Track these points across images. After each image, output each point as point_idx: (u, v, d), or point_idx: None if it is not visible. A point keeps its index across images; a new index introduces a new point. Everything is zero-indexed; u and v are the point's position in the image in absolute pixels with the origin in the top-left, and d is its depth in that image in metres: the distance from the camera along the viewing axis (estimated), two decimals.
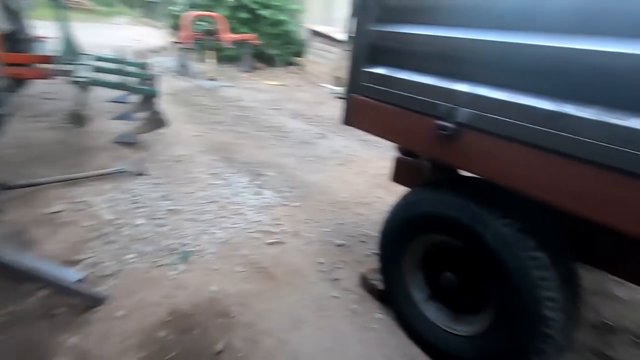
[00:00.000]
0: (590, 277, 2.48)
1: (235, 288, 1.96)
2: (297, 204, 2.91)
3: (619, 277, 1.47)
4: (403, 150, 2.10)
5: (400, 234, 1.75)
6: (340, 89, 7.12)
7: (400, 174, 2.11)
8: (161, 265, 2.05)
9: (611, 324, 2.10)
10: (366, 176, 3.59)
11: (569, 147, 1.08)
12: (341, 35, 6.91)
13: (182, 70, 7.16)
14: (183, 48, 7.29)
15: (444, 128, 1.37)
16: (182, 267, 2.05)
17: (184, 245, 2.23)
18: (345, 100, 1.84)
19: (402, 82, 1.54)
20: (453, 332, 1.60)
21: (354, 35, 1.71)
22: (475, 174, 1.38)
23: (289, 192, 3.08)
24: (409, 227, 1.70)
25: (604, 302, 2.28)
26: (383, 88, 1.62)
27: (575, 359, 1.80)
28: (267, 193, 3.01)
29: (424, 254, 1.75)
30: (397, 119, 1.58)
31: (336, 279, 2.13)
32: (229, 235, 2.39)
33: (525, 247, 1.28)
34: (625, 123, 0.97)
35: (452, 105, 1.36)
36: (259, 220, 2.61)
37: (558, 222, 1.35)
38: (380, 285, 1.97)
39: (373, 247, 2.44)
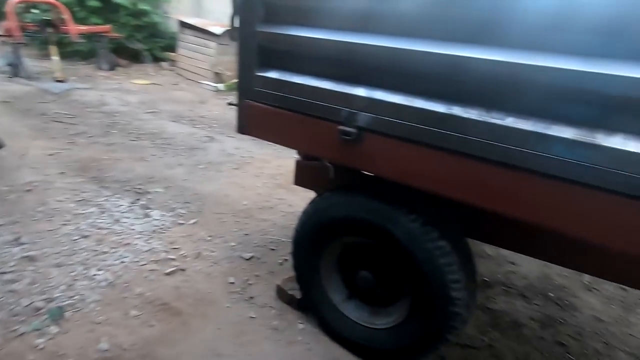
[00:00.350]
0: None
1: (132, 338, 1.65)
2: (194, 220, 2.63)
3: (501, 247, 1.73)
4: (304, 154, 2.07)
5: (313, 241, 1.71)
6: (221, 86, 6.73)
7: (302, 178, 2.07)
8: (23, 333, 1.59)
9: (487, 279, 2.50)
10: (265, 178, 3.48)
11: (458, 144, 1.18)
12: (217, 29, 6.51)
13: (14, 71, 5.73)
14: (12, 42, 5.81)
15: (346, 133, 1.37)
16: (54, 329, 1.63)
17: (53, 300, 1.78)
18: (238, 107, 1.69)
19: (299, 87, 1.48)
20: (375, 327, 1.66)
21: (238, 36, 1.57)
22: (380, 176, 1.42)
23: (183, 208, 2.76)
24: (322, 233, 1.68)
25: (478, 261, 2.70)
26: (279, 94, 1.53)
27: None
28: (156, 214, 2.64)
29: (339, 256, 1.76)
30: (298, 125, 1.52)
31: (251, 297, 2.00)
32: (115, 273, 2.01)
33: (431, 238, 1.38)
34: (503, 122, 1.10)
35: (352, 110, 1.36)
36: (151, 248, 2.26)
37: (453, 211, 1.50)
38: (298, 294, 1.93)
39: (285, 254, 2.38)
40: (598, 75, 0.95)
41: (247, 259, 2.29)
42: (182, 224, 2.57)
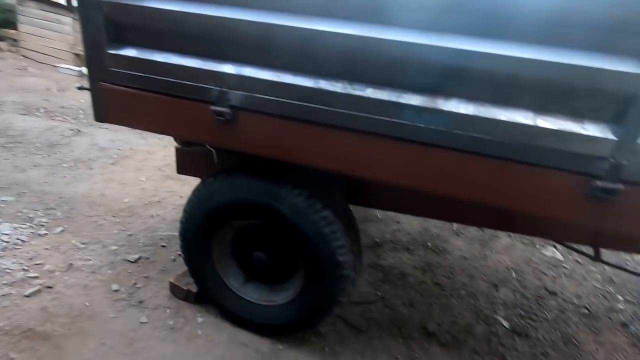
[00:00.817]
0: (359, 209, 3.15)
1: None
2: (61, 228, 2.25)
3: (381, 209, 1.89)
4: (182, 140, 1.92)
5: (202, 230, 1.63)
6: (85, 70, 5.79)
7: (185, 165, 1.93)
8: None
9: (377, 240, 2.76)
10: (150, 171, 3.16)
11: (327, 117, 1.22)
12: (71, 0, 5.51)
13: None
14: None
15: (220, 114, 1.30)
16: None
17: None
18: (92, 92, 1.46)
19: (162, 65, 1.34)
20: (275, 303, 1.69)
21: (78, 7, 1.34)
22: (259, 155, 1.40)
23: (44, 216, 2.33)
24: (210, 220, 1.60)
25: (369, 225, 2.96)
26: (140, 74, 1.37)
27: (361, 279, 2.28)
28: (5, 227, 2.17)
29: (232, 241, 1.72)
30: (167, 108, 1.39)
31: (141, 302, 1.83)
32: None
33: (315, 210, 1.43)
34: (363, 93, 1.17)
35: (222, 89, 1.30)
36: (3, 268, 1.87)
37: (333, 181, 1.58)
38: (194, 287, 1.83)
39: (178, 249, 2.22)
40: (436, 48, 1.07)
41: (134, 262, 2.08)
42: (45, 234, 2.18)
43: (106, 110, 1.47)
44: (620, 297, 2.51)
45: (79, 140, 3.52)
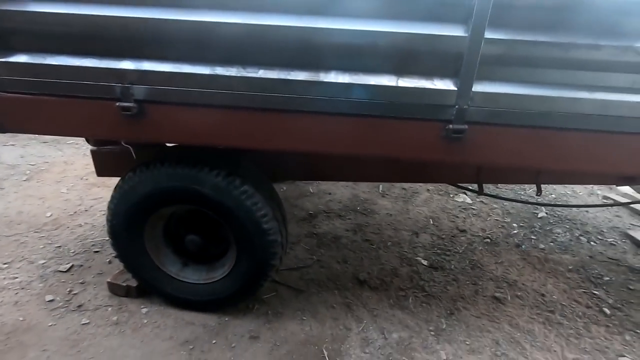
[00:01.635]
0: (292, 188, 3.34)
1: None
2: None
3: (299, 180, 2.07)
4: (95, 140, 1.92)
5: (130, 224, 1.69)
6: None
7: (104, 166, 1.94)
8: None
9: (311, 212, 2.98)
10: (71, 181, 3.03)
11: (226, 100, 1.35)
12: None
13: None
14: None
15: (126, 109, 1.37)
16: None
17: None
18: None
19: (58, 69, 1.36)
20: (215, 279, 1.82)
21: None
22: (171, 142, 1.50)
23: None
24: (137, 213, 1.67)
25: (303, 200, 3.17)
26: (35, 79, 1.38)
27: (298, 248, 2.48)
28: None
29: (163, 230, 1.80)
30: (71, 110, 1.42)
31: (80, 306, 1.84)
32: None
33: (236, 187, 1.57)
34: (255, 74, 1.32)
35: (125, 85, 1.36)
36: None
37: (249, 159, 1.73)
38: (133, 282, 1.89)
39: (112, 252, 2.23)
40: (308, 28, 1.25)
41: (66, 271, 2.06)
42: None
43: (5, 119, 1.45)
44: (515, 225, 3.02)
45: None
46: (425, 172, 1.91)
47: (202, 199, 1.58)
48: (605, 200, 3.67)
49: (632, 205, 3.28)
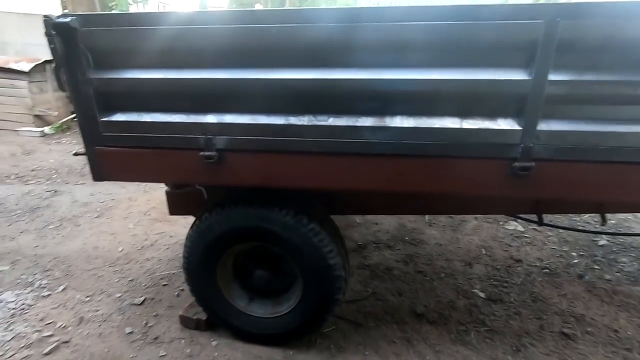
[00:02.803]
0: (340, 219, 3.41)
1: None
2: (63, 286, 2.35)
3: (360, 214, 2.15)
4: (173, 184, 2.11)
5: (205, 260, 1.82)
6: (48, 129, 5.77)
7: (177, 206, 2.11)
8: None
9: (360, 243, 3.02)
10: (136, 217, 3.28)
11: (299, 146, 1.48)
12: (24, 65, 5.53)
13: None
14: None
15: (208, 157, 1.53)
16: None
17: None
18: (88, 157, 1.65)
19: (151, 125, 1.55)
20: (281, 314, 1.89)
21: (68, 86, 1.53)
22: (247, 185, 1.63)
23: (44, 278, 2.42)
24: (211, 250, 1.79)
25: (351, 231, 3.22)
26: (132, 134, 1.57)
27: (352, 280, 2.51)
28: (8, 296, 2.25)
29: (233, 266, 1.91)
30: (160, 160, 1.60)
31: (156, 338, 1.97)
32: None
33: (303, 225, 1.67)
34: (325, 122, 1.44)
35: (208, 136, 1.53)
36: (17, 334, 1.96)
37: (314, 197, 1.83)
38: (203, 315, 2.00)
39: (179, 285, 2.38)
40: (374, 80, 1.36)
41: (140, 304, 2.21)
42: (49, 295, 2.27)
43: (105, 170, 1.66)
44: (574, 254, 2.89)
45: (59, 199, 3.58)
46: (485, 204, 1.92)
47: (272, 236, 1.69)
48: None
49: None
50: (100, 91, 1.55)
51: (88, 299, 2.25)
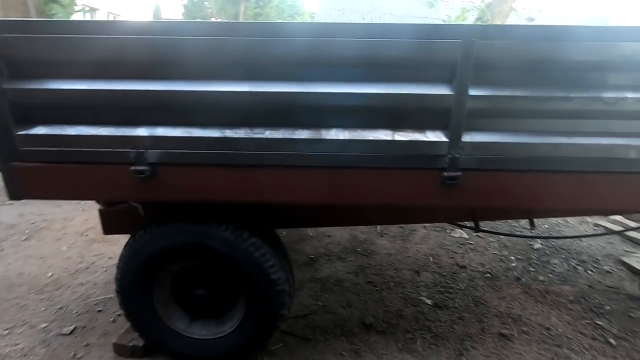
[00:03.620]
0: (292, 232, 3.38)
1: None
2: None
3: (305, 227, 2.14)
4: (105, 201, 1.97)
5: (140, 281, 1.71)
6: None
7: (112, 225, 1.97)
8: None
9: (312, 256, 3.00)
10: (71, 238, 3.03)
11: (236, 159, 1.45)
12: None
13: None
14: None
15: (140, 172, 1.45)
16: None
17: None
18: (3, 172, 1.51)
19: (77, 138, 1.45)
20: (224, 333, 1.81)
21: None
22: (183, 201, 1.57)
23: None
24: (147, 270, 1.69)
25: (303, 244, 3.20)
26: (55, 148, 1.46)
27: (302, 294, 2.48)
28: None
29: (171, 286, 1.81)
30: (88, 175, 1.49)
31: None
32: None
33: (244, 240, 1.63)
34: (262, 135, 1.43)
35: (139, 150, 1.45)
36: None
37: (256, 210, 1.80)
38: (139, 341, 1.86)
39: (116, 310, 2.21)
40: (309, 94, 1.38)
41: (69, 334, 2.02)
42: None
43: (23, 187, 1.52)
44: (513, 257, 3.08)
45: None
46: (424, 213, 1.99)
47: (211, 253, 1.62)
48: (596, 229, 3.78)
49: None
50: (16, 103, 1.43)
51: (7, 332, 2.02)
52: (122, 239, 1.81)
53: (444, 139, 1.42)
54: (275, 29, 1.34)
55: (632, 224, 3.40)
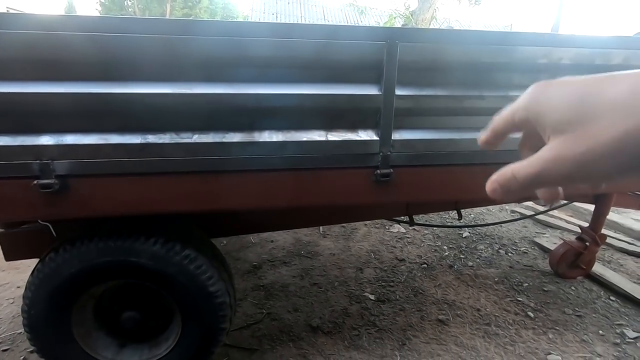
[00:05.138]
0: (233, 240, 3.26)
1: None
2: None
3: (240, 234, 2.06)
4: (5, 222, 1.70)
5: (54, 310, 1.50)
6: None
7: (14, 249, 1.69)
8: None
9: (255, 263, 2.92)
10: None
11: (160, 166, 1.34)
12: None
13: None
14: None
15: (46, 186, 1.27)
16: None
17: None
18: None
19: None
20: (161, 356, 1.66)
21: None
22: (101, 215, 1.41)
23: None
24: (62, 297, 1.49)
25: (245, 252, 3.10)
26: None
27: (246, 303, 2.40)
28: None
29: (93, 311, 1.62)
30: None
31: None
32: None
33: (176, 253, 1.51)
34: (189, 140, 1.35)
35: (44, 161, 1.28)
36: None
37: (187, 220, 1.69)
38: None
39: (27, 346, 1.92)
40: (238, 95, 1.33)
41: None
42: None
43: None
44: (445, 247, 3.30)
45: None
46: (363, 211, 2.04)
47: (139, 270, 1.48)
48: (513, 214, 4.22)
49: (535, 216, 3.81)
50: None
51: None
52: (32, 264, 1.58)
53: (375, 137, 1.46)
54: (201, 26, 1.27)
55: (541, 209, 3.86)
